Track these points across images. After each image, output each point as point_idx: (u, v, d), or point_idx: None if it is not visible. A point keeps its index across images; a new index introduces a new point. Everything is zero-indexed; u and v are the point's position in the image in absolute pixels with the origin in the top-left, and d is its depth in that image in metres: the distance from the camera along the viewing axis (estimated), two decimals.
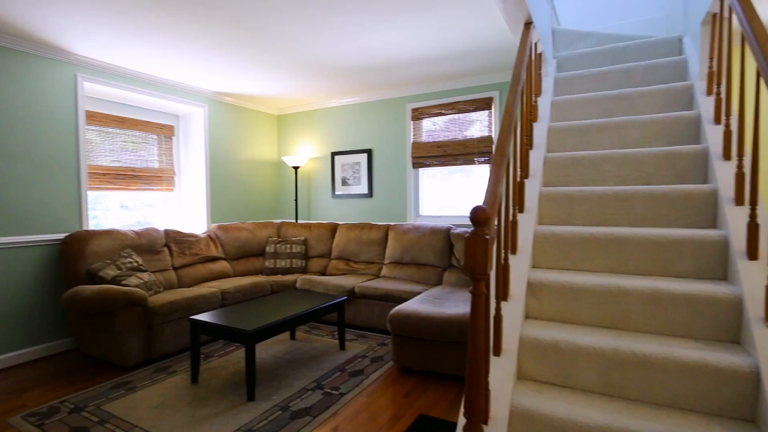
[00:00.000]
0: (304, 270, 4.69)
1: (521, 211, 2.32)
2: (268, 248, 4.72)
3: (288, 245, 4.72)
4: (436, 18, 2.93)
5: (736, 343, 1.69)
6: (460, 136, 4.47)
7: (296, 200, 5.33)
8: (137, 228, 3.85)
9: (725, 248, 1.85)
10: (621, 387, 1.69)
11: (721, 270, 1.88)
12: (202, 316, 2.81)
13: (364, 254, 4.51)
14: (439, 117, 4.59)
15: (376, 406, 2.50)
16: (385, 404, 2.52)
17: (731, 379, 1.53)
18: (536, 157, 2.57)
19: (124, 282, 3.27)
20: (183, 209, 4.92)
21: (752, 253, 1.71)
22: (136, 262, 3.49)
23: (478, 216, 1.40)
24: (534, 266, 2.24)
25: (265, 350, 3.37)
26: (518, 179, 2.36)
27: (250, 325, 2.59)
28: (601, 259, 2.09)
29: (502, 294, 1.95)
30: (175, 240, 4.06)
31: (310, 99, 5.20)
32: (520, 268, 2.06)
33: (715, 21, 2.32)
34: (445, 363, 2.81)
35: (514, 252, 2.13)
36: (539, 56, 3.03)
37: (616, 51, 3.22)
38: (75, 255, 3.27)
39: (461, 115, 4.46)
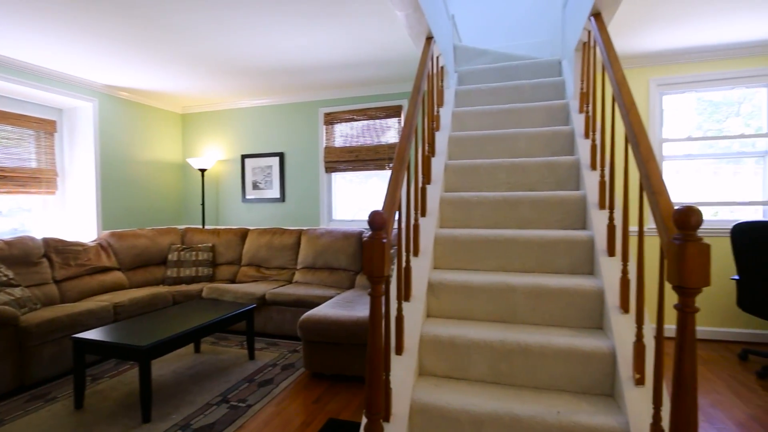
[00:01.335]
0: (211, 278, 4.45)
1: (423, 215, 2.45)
2: (170, 256, 4.40)
3: (193, 252, 4.45)
4: (345, 26, 2.98)
5: (600, 329, 1.95)
6: (374, 142, 4.57)
7: (203, 205, 5.03)
8: (8, 237, 3.36)
9: (592, 247, 2.13)
10: (508, 375, 1.86)
11: (590, 266, 2.15)
12: (89, 334, 2.54)
13: (276, 260, 4.40)
14: (352, 122, 4.65)
15: (285, 414, 2.46)
16: (295, 412, 2.48)
17: (595, 361, 1.76)
18: (438, 164, 2.73)
19: None
20: (68, 215, 4.39)
21: (611, 250, 1.99)
22: (5, 276, 3.05)
23: (375, 220, 1.46)
24: (435, 267, 2.37)
25: (164, 366, 3.14)
26: (421, 185, 2.49)
27: (145, 341, 2.40)
28: (494, 259, 2.28)
29: (405, 295, 2.04)
30: (56, 250, 3.62)
31: (219, 98, 4.96)
32: (421, 269, 2.17)
33: (585, 49, 2.66)
34: (356, 365, 2.85)
35: (416, 254, 2.24)
36: (441, 69, 3.22)
37: (509, 69, 3.54)
38: None
39: (377, 122, 4.57)
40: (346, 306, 3.15)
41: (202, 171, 4.99)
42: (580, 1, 2.65)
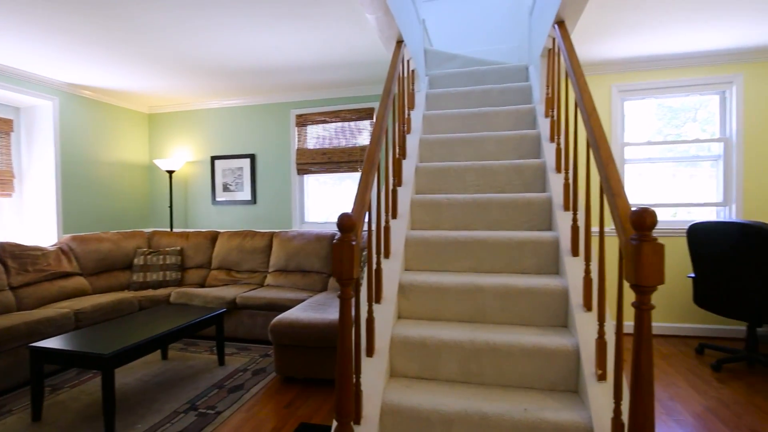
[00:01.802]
0: (179, 282, 4.33)
1: (394, 217, 2.46)
2: (136, 260, 4.26)
3: (161, 256, 4.32)
4: (316, 28, 2.96)
5: (565, 327, 2.01)
6: (347, 144, 4.56)
7: (171, 207, 4.90)
8: None
9: (557, 247, 2.19)
10: (478, 374, 1.89)
11: (555, 266, 2.22)
12: (47, 342, 2.43)
13: (247, 263, 4.33)
14: (324, 124, 4.63)
15: (255, 420, 2.42)
16: (266, 417, 2.45)
17: (560, 358, 1.81)
18: (409, 167, 2.75)
19: None
20: (26, 218, 4.19)
21: (575, 250, 2.06)
22: None
23: (344, 223, 1.46)
24: (406, 269, 2.39)
25: (130, 374, 3.03)
26: (392, 187, 2.50)
27: (108, 348, 2.31)
28: (464, 260, 2.31)
29: (376, 297, 2.05)
30: (12, 255, 3.44)
31: (187, 98, 4.85)
32: (392, 271, 2.18)
33: (550, 55, 2.75)
34: (328, 368, 2.84)
35: (387, 256, 2.25)
36: (412, 73, 3.25)
37: (478, 73, 3.61)
38: None
39: (350, 124, 4.56)
40: (318, 309, 3.13)
41: (170, 172, 4.86)
42: (545, 9, 2.73)
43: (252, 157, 4.85)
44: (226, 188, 4.98)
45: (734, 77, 3.60)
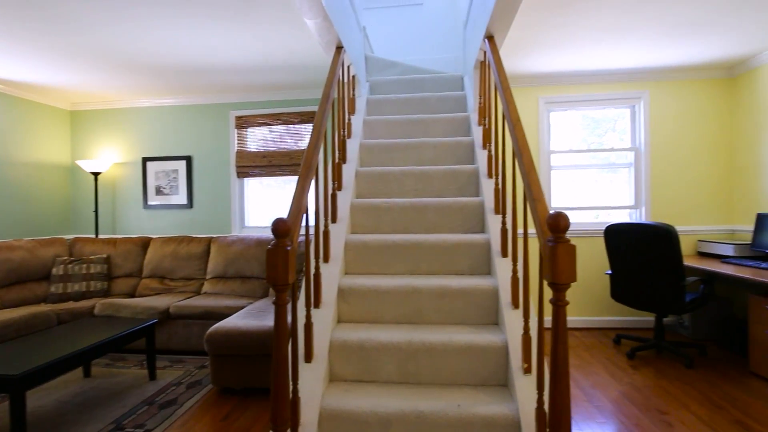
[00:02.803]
0: (106, 293, 4.04)
1: (334, 221, 2.47)
2: (55, 270, 3.91)
3: (84, 265, 4.00)
4: (255, 30, 2.90)
5: (496, 325, 2.12)
6: (290, 147, 4.50)
7: (96, 212, 4.55)
8: None
9: (489, 249, 2.31)
10: (415, 374, 1.95)
11: (487, 266, 2.34)
12: None
13: (183, 270, 4.13)
14: (265, 127, 4.54)
15: None
16: None
17: (491, 354, 1.91)
18: (349, 171, 2.78)
19: None
20: None
21: (504, 251, 2.18)
22: None
23: (278, 228, 1.45)
24: (346, 273, 2.40)
25: (46, 396, 2.78)
26: (331, 191, 2.51)
27: (17, 368, 2.11)
28: (402, 263, 2.37)
29: (315, 301, 2.05)
30: None
31: (116, 95, 4.54)
32: (332, 275, 2.19)
33: (482, 67, 2.90)
34: (268, 377, 2.78)
35: (326, 260, 2.26)
36: (353, 78, 3.29)
37: (418, 81, 3.73)
38: None
39: (293, 127, 4.49)
40: (257, 316, 3.05)
41: (96, 174, 4.52)
42: (477, 23, 2.88)
43: (188, 159, 4.64)
44: (159, 191, 4.72)
45: (642, 93, 4.00)
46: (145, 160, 4.72)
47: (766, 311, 2.76)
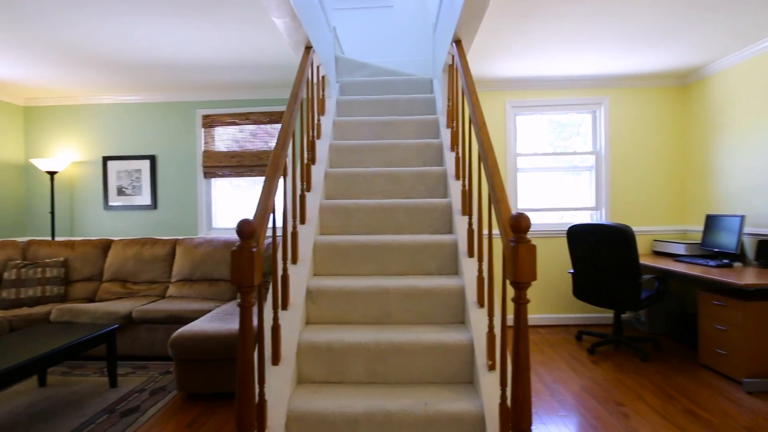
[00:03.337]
0: (63, 298, 3.86)
1: (303, 222, 2.46)
2: (6, 275, 3.71)
3: (38, 269, 3.81)
4: (222, 28, 2.85)
5: (462, 323, 2.17)
6: (259, 147, 4.43)
7: (52, 213, 4.34)
8: None
9: (456, 249, 2.36)
10: (383, 374, 1.96)
11: (454, 266, 2.38)
12: None
13: (146, 273, 4.00)
14: (233, 126, 4.46)
15: None
16: None
17: (457, 352, 1.95)
18: (318, 172, 2.77)
19: None
20: None
21: (470, 251, 2.23)
22: None
23: (244, 229, 1.44)
24: (315, 274, 2.40)
25: None
26: (300, 192, 2.50)
27: None
28: (371, 264, 2.39)
29: (282, 303, 2.03)
30: None
31: (74, 91, 4.35)
32: (300, 276, 2.18)
33: (450, 71, 2.95)
34: (235, 381, 2.73)
35: (295, 262, 2.24)
36: (323, 79, 3.28)
37: (388, 83, 3.75)
38: None
39: (262, 127, 4.43)
40: (225, 319, 2.99)
41: (52, 174, 4.31)
42: (446, 27, 2.93)
43: (152, 159, 4.50)
44: (121, 192, 4.55)
45: (602, 99, 4.18)
46: (105, 159, 4.54)
47: (714, 306, 2.94)
